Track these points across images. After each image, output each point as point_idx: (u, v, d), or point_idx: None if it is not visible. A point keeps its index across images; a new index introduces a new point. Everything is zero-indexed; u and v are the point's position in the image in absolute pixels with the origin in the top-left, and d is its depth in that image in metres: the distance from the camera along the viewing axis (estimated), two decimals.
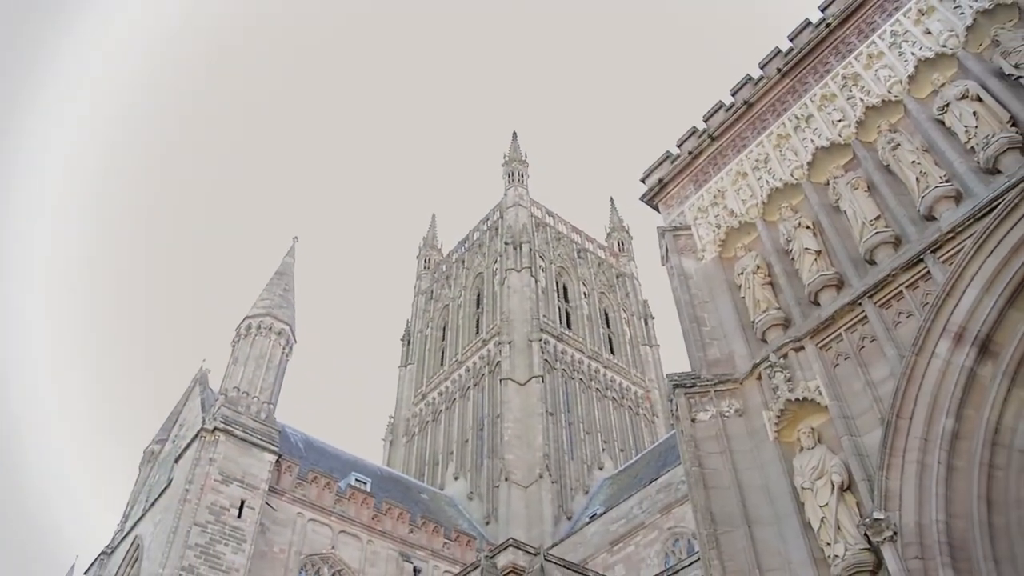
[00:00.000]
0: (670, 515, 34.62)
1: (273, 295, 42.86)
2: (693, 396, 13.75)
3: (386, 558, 38.03)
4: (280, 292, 43.29)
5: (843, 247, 13.55)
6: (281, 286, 43.90)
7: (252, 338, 39.91)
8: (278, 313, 41.48)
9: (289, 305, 43.09)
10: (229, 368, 38.99)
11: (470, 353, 61.51)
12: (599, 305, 68.51)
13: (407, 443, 61.28)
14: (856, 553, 10.62)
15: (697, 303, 15.44)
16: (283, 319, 41.43)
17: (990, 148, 11.92)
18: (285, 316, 41.80)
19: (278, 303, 42.35)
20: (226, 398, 36.61)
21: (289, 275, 45.40)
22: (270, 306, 41.81)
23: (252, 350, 39.39)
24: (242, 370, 38.44)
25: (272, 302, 42.24)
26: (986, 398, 10.74)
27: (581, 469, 53.26)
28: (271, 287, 43.69)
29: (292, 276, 45.58)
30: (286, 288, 44.01)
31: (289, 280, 44.97)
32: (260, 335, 40.07)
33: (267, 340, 40.07)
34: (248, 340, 39.87)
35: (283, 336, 40.89)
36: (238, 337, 40.43)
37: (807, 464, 11.79)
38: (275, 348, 40.21)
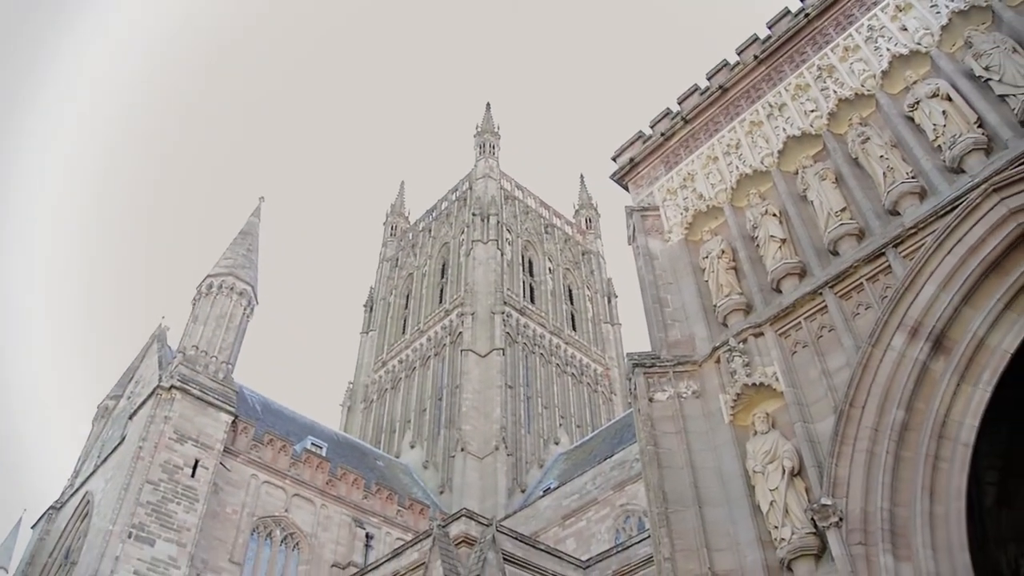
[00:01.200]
0: (623, 492, 35.07)
1: (236, 255, 42.43)
2: (652, 376, 13.86)
3: (339, 523, 38.14)
4: (244, 252, 42.85)
5: (808, 237, 13.70)
6: (245, 246, 43.45)
7: (213, 297, 39.52)
8: (241, 273, 41.09)
9: (252, 266, 42.69)
10: (188, 326, 38.62)
11: (432, 322, 61.51)
12: (563, 281, 68.76)
13: (365, 410, 61.26)
14: (802, 537, 10.85)
15: (661, 284, 15.52)
16: (245, 279, 41.06)
17: (956, 148, 12.10)
18: (247, 276, 41.42)
19: (241, 263, 41.93)
20: (184, 356, 36.28)
21: (254, 235, 44.92)
22: (233, 266, 41.39)
23: (213, 309, 39.03)
24: (201, 329, 38.10)
25: (235, 262, 41.81)
26: (936, 392, 10.98)
27: (537, 443, 53.67)
28: (235, 247, 43.22)
29: (257, 237, 45.10)
30: (250, 248, 43.56)
31: (253, 240, 44.50)
32: (221, 294, 39.69)
33: (228, 300, 39.71)
34: (209, 299, 39.48)
35: (245, 296, 40.54)
36: (199, 296, 40.01)
37: (760, 448, 11.97)
38: (236, 308, 39.87)
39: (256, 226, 45.88)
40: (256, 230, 45.52)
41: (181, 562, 30.55)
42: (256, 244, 44.55)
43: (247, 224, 45.72)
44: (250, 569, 34.17)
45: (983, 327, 11.01)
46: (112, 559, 29.02)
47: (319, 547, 36.74)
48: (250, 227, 45.48)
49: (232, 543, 33.68)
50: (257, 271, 43.05)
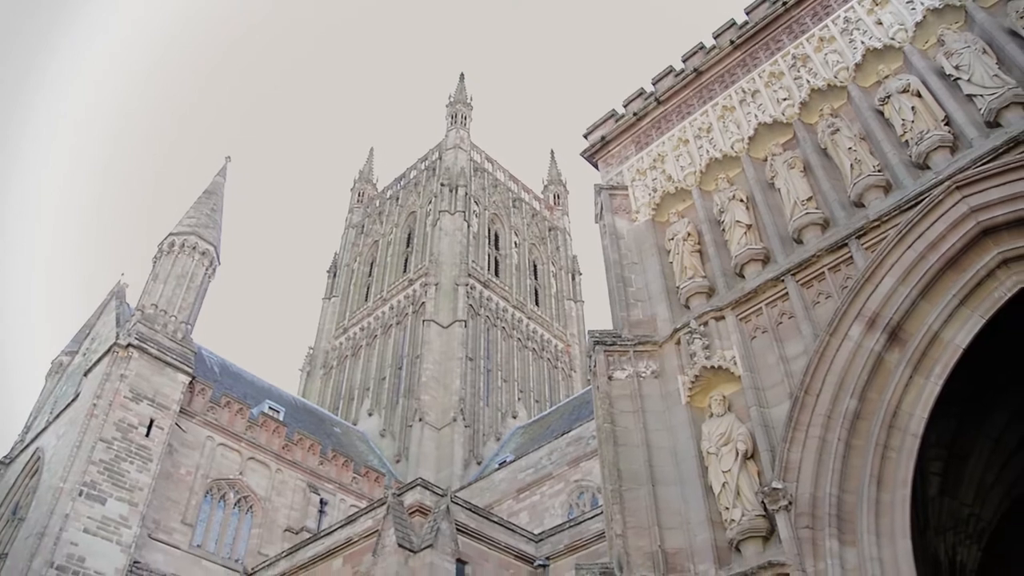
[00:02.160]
0: (577, 468, 35.36)
1: (200, 214, 41.78)
2: (612, 354, 13.96)
3: (294, 488, 38.07)
4: (207, 211, 42.22)
5: (773, 224, 13.83)
6: (209, 205, 42.79)
7: (175, 256, 38.95)
8: (204, 233, 40.50)
9: (216, 226, 42.10)
10: (148, 284, 38.04)
11: (396, 291, 61.29)
12: (529, 256, 68.81)
13: (324, 375, 61.02)
14: (752, 519, 11.04)
15: (626, 263, 15.59)
16: (208, 239, 40.49)
17: (923, 144, 12.26)
18: (210, 236, 40.85)
19: (204, 222, 41.32)
20: (143, 315, 35.78)
21: (218, 195, 44.23)
22: (196, 225, 40.78)
23: (174, 268, 38.49)
24: (161, 288, 37.56)
25: (198, 221, 41.18)
26: (889, 382, 11.19)
27: (495, 416, 53.89)
28: (199, 206, 42.54)
29: (221, 197, 44.42)
30: (214, 208, 42.91)
31: (218, 200, 43.82)
32: (183, 253, 39.13)
33: (190, 259, 39.16)
34: (170, 257, 38.90)
35: (207, 257, 40.01)
36: (160, 254, 39.38)
37: (715, 430, 12.13)
38: (198, 268, 39.33)
39: (221, 186, 45.17)
40: (221, 190, 44.83)
41: (132, 521, 30.32)
42: (221, 204, 43.88)
43: (212, 184, 44.98)
44: (202, 531, 34.01)
45: (938, 321, 11.23)
46: (62, 516, 28.73)
47: (273, 511, 36.65)
48: (215, 187, 44.75)
49: (185, 504, 33.47)
50: (220, 231, 42.45)
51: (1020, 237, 10.92)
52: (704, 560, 11.33)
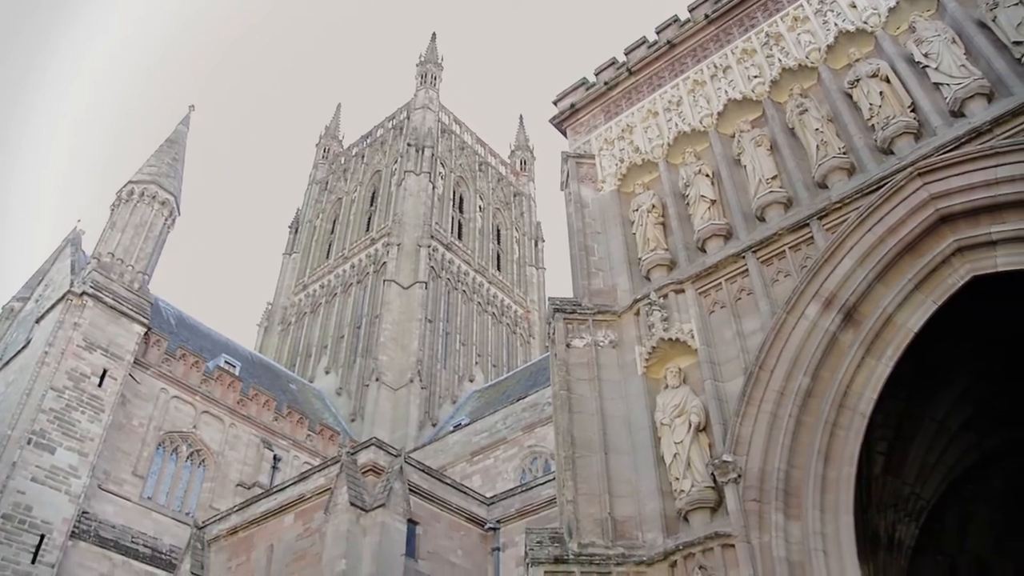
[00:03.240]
0: (532, 434, 35.63)
1: (161, 163, 41.00)
2: (572, 322, 14.01)
3: (247, 443, 37.96)
4: (169, 161, 41.43)
5: (737, 200, 13.91)
6: (171, 155, 41.99)
7: (133, 204, 38.24)
8: (164, 182, 39.78)
9: (177, 175, 41.36)
10: (105, 232, 37.35)
11: (357, 250, 60.92)
12: (493, 220, 68.71)
13: (282, 332, 60.65)
14: (701, 490, 11.22)
15: (589, 232, 15.60)
16: (169, 189, 39.80)
17: (888, 129, 12.38)
18: (171, 186, 40.14)
19: (165, 172, 40.57)
20: (99, 263, 35.17)
21: (181, 144, 43.41)
22: (156, 174, 40.03)
23: (132, 217, 37.81)
24: (119, 236, 36.92)
25: (159, 170, 40.42)
26: (842, 362, 11.40)
27: (452, 379, 54.04)
28: (160, 154, 41.71)
29: (184, 146, 43.60)
30: (175, 158, 42.12)
31: (180, 150, 43.01)
32: (142, 202, 38.43)
33: (149, 208, 38.48)
34: (129, 206, 38.19)
35: (167, 207, 39.34)
36: (118, 201, 38.63)
37: (669, 402, 12.26)
38: (157, 218, 38.69)
39: (184, 135, 44.31)
40: (184, 139, 43.99)
41: (82, 472, 30.06)
42: (182, 154, 43.09)
43: (174, 132, 44.10)
44: (153, 483, 33.83)
45: (892, 305, 11.43)
46: (9, 464, 28.39)
47: (225, 465, 36.54)
48: (177, 136, 43.90)
49: (136, 456, 33.22)
50: (182, 182, 41.74)
51: (976, 226, 11.11)
52: (652, 529, 11.51)
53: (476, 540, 24.70)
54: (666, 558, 11.02)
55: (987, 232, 11.05)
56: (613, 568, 11.18)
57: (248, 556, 24.39)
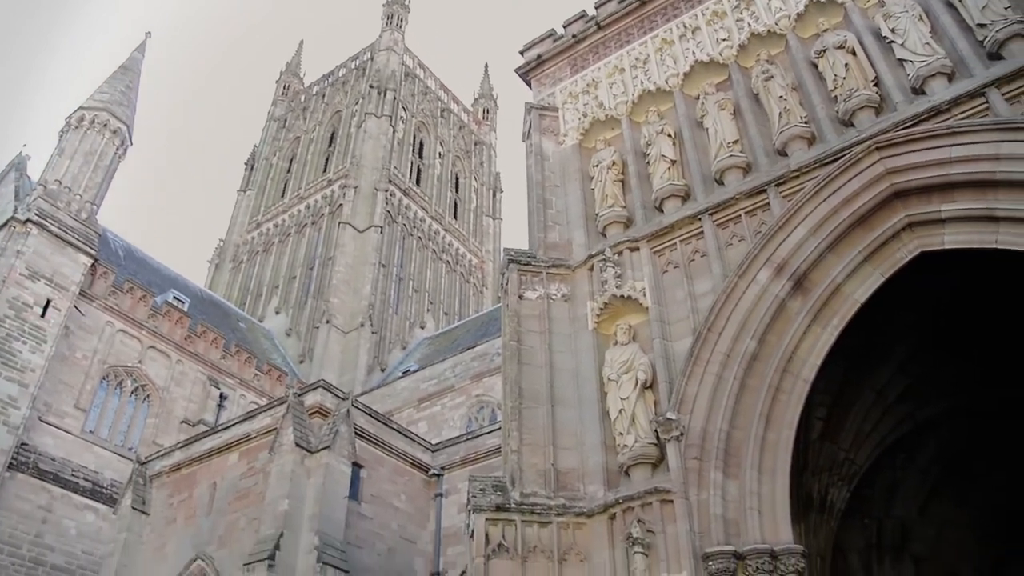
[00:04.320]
0: (480, 383, 35.82)
1: (114, 90, 39.71)
2: (525, 274, 14.06)
3: (193, 380, 37.59)
4: (122, 88, 40.15)
5: (697, 162, 13.97)
6: (125, 82, 40.68)
7: (83, 132, 37.08)
8: (116, 110, 38.60)
9: (130, 104, 40.13)
10: (53, 159, 36.19)
11: (314, 191, 60.12)
12: (452, 168, 68.19)
13: (233, 269, 59.87)
14: (644, 446, 11.42)
15: (548, 185, 15.58)
16: (121, 118, 38.63)
17: (850, 101, 12.48)
18: (124, 115, 38.97)
19: (118, 99, 39.32)
20: (45, 190, 34.12)
21: (135, 72, 42.03)
22: (109, 101, 38.80)
23: (82, 144, 36.68)
24: (67, 164, 35.82)
25: (112, 97, 39.16)
26: (789, 328, 11.62)
27: (403, 325, 53.96)
28: (113, 81, 40.37)
29: (138, 75, 42.21)
30: (129, 86, 40.81)
31: (134, 78, 41.67)
32: (93, 130, 37.28)
33: (100, 136, 37.35)
34: (78, 133, 37.02)
35: (119, 136, 38.23)
36: (67, 128, 37.39)
37: (618, 358, 12.40)
38: (108, 147, 37.58)
39: (139, 63, 42.90)
40: (138, 67, 42.60)
41: (22, 403, 29.52)
42: (137, 82, 41.74)
43: (129, 59, 42.65)
44: (95, 417, 33.36)
45: (842, 275, 11.65)
46: None
47: (170, 402, 36.18)
48: (132, 63, 42.48)
49: (79, 389, 32.69)
50: (135, 111, 40.49)
51: (928, 203, 11.33)
52: (594, 482, 11.70)
53: (420, 486, 24.91)
54: (606, 510, 11.24)
55: (937, 210, 11.27)
56: (554, 518, 11.37)
57: (191, 493, 24.32)
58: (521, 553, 11.09)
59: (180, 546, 23.32)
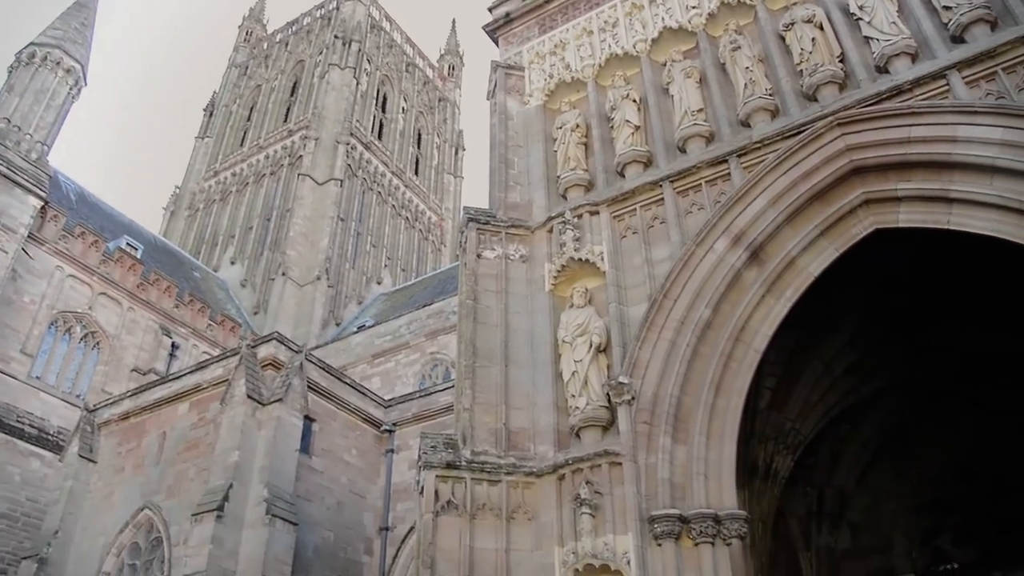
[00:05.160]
0: (435, 341, 35.84)
1: (68, 27, 38.42)
2: (484, 233, 14.01)
3: (145, 328, 37.08)
4: (77, 25, 38.87)
5: (661, 129, 13.97)
6: (79, 19, 39.37)
7: (35, 69, 35.91)
8: (70, 48, 37.41)
9: (85, 42, 38.90)
10: (2, 96, 34.97)
11: (274, 140, 59.22)
12: (415, 124, 67.57)
13: (189, 217, 58.96)
14: (595, 408, 11.54)
15: (511, 145, 15.50)
16: (75, 56, 37.46)
17: (815, 76, 12.52)
18: (78, 53, 37.78)
19: (72, 37, 38.09)
20: None
21: (91, 9, 40.66)
22: (62, 38, 37.56)
23: (32, 82, 35.55)
24: (16, 102, 34.72)
25: (65, 34, 37.91)
26: (743, 298, 11.76)
27: (360, 280, 53.71)
28: (67, 18, 39.03)
29: (94, 11, 40.85)
30: (84, 23, 39.51)
31: (90, 15, 40.35)
32: (45, 68, 36.12)
33: (52, 75, 36.22)
34: (29, 70, 35.85)
35: (72, 75, 37.11)
36: (17, 64, 36.14)
37: (573, 320, 12.46)
38: (60, 86, 36.49)
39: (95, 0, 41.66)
40: (94, 4, 41.25)
41: None
42: (92, 20, 40.44)
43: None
44: (43, 362, 32.76)
45: (797, 248, 11.80)
46: None
47: (121, 350, 35.68)
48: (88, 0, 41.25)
49: (26, 334, 32.04)
50: (90, 50, 39.28)
51: (885, 181, 11.48)
52: (545, 442, 11.81)
53: (371, 441, 24.97)
54: (555, 471, 11.36)
55: (894, 188, 11.43)
56: (503, 477, 11.47)
57: (140, 442, 24.13)
58: (470, 510, 11.18)
59: (128, 495, 23.17)
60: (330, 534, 22.50)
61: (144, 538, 22.28)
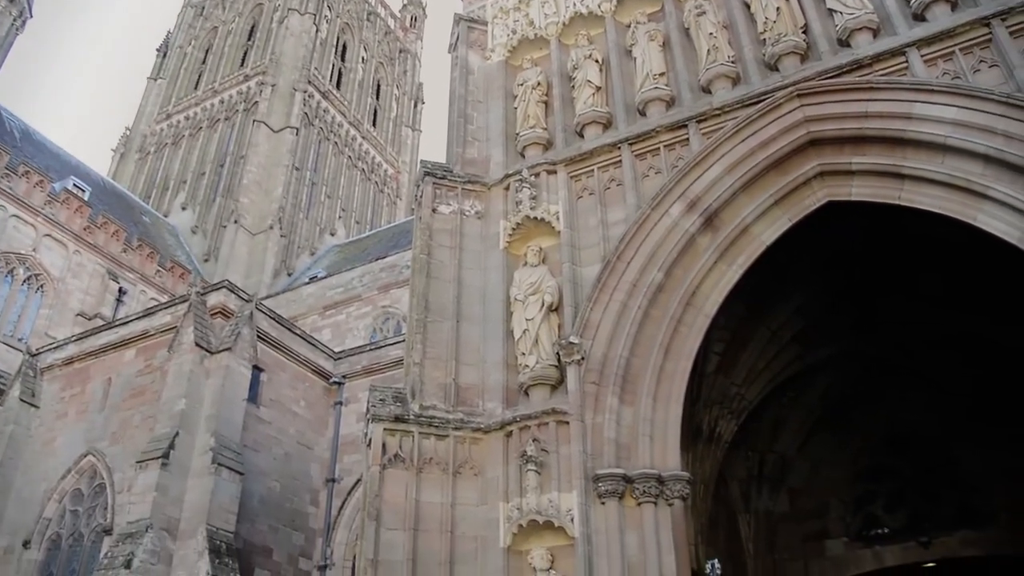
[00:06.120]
0: (387, 294, 35.70)
1: None
2: (441, 188, 13.91)
3: (92, 272, 36.35)
4: None
5: (622, 91, 13.92)
6: None
7: None
8: None
9: None
10: None
11: (229, 85, 57.91)
12: (374, 75, 66.54)
13: (139, 160, 57.60)
14: (545, 367, 11.61)
15: (471, 100, 15.34)
16: None
17: (778, 46, 12.55)
18: None
19: None
20: None
21: None
22: None
23: None
24: None
25: None
26: (696, 263, 11.87)
27: (313, 230, 53.16)
28: None
29: None
30: None
31: None
32: None
33: None
34: None
35: (16, 5, 35.84)
36: None
37: (526, 279, 12.47)
38: (3, 16, 35.23)
39: None
40: None
41: None
42: None
43: None
44: None
45: (752, 216, 11.92)
46: None
47: (66, 293, 34.97)
48: None
49: None
50: None
51: (840, 154, 11.61)
52: (494, 399, 11.89)
53: (320, 393, 24.91)
54: (503, 428, 11.45)
55: (848, 162, 11.57)
56: (451, 432, 11.53)
57: (84, 388, 23.79)
58: (417, 464, 11.24)
59: (71, 441, 22.89)
60: (276, 484, 22.49)
61: (87, 484, 22.08)
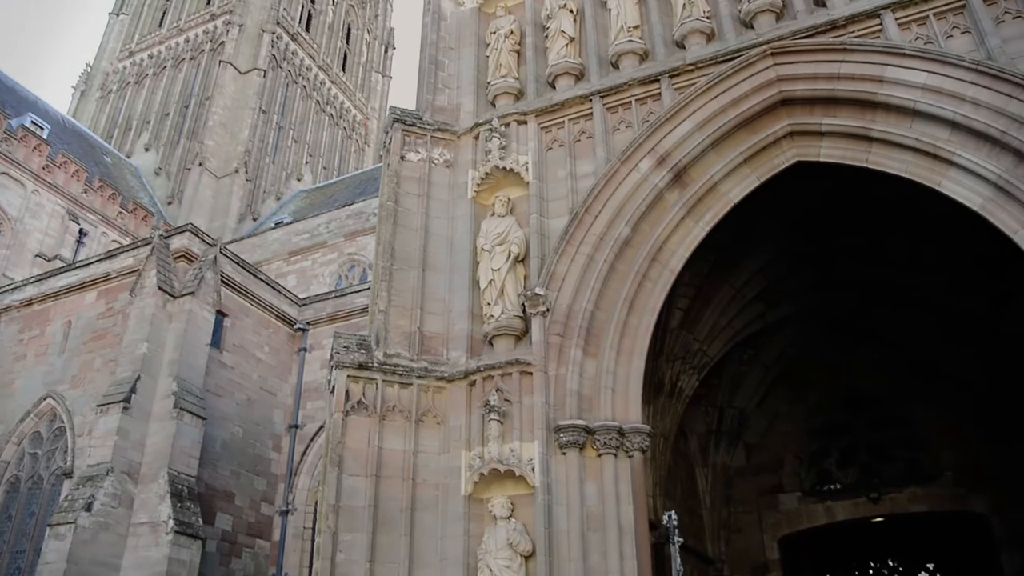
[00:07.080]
0: (353, 241, 35.52)
1: None
2: (410, 135, 13.75)
3: (51, 213, 35.65)
4: None
5: (596, 43, 13.79)
6: None
7: None
8: None
9: None
10: None
11: (195, 23, 56.53)
12: (345, 18, 65.30)
13: (101, 99, 56.25)
14: (510, 318, 11.64)
15: (442, 47, 15.10)
16: None
17: (753, 3, 12.43)
18: None
19: None
20: None
21: None
22: None
23: None
24: None
25: None
26: (663, 219, 11.90)
27: (279, 175, 52.49)
28: None
29: None
30: None
31: None
32: None
33: None
34: None
35: None
36: None
37: (493, 229, 12.43)
38: None
39: None
40: None
41: None
42: None
43: None
44: None
45: (720, 173, 11.94)
46: None
47: (24, 234, 34.29)
48: None
49: None
50: None
51: (810, 115, 11.63)
52: (458, 348, 11.91)
53: (284, 339, 24.84)
54: (466, 377, 11.50)
55: (819, 123, 11.60)
56: (415, 380, 11.56)
57: (43, 330, 23.51)
58: (380, 411, 11.27)
59: (29, 383, 22.67)
60: (239, 429, 22.50)
61: (47, 428, 21.93)
